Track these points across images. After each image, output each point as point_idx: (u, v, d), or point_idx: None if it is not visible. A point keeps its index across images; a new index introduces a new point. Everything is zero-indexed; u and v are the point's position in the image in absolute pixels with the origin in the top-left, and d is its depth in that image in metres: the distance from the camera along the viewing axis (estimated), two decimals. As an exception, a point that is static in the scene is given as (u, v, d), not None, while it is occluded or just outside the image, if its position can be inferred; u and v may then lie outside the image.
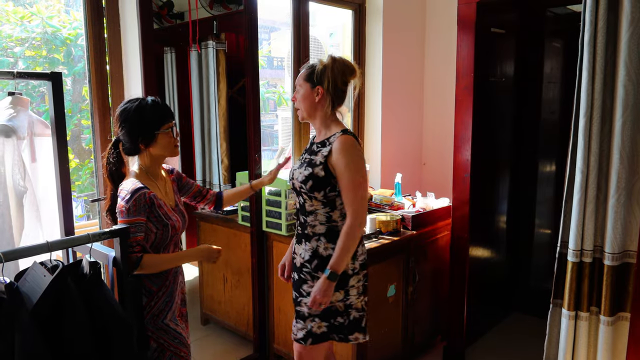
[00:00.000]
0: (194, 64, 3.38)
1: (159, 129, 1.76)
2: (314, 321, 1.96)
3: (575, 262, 2.34)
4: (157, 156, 1.81)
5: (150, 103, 1.76)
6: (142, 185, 1.72)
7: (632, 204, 2.23)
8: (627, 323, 2.28)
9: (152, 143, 1.77)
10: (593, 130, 2.25)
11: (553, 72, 3.38)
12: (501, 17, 3.09)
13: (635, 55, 2.16)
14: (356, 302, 1.98)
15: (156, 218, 1.75)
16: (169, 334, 1.81)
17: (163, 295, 1.81)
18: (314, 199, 1.92)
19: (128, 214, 1.68)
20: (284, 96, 5.62)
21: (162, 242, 1.79)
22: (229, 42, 3.32)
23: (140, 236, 1.70)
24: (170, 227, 1.78)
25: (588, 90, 2.24)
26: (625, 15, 2.15)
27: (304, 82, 1.94)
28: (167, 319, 1.81)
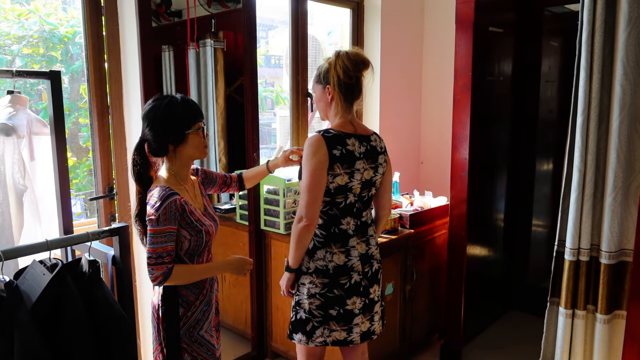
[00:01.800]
0: (192, 63, 3.37)
1: (190, 128, 1.65)
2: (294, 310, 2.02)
3: (572, 261, 2.35)
4: (186, 158, 1.69)
5: (181, 101, 1.65)
6: (173, 191, 1.61)
7: (629, 202, 2.24)
8: (623, 321, 2.29)
9: (182, 143, 1.65)
10: (590, 129, 2.26)
11: (551, 71, 3.39)
12: (499, 16, 3.10)
13: (632, 54, 2.17)
14: (304, 303, 1.92)
15: (188, 225, 1.64)
16: (203, 347, 1.72)
17: (200, 304, 1.71)
18: None
19: (158, 223, 1.57)
20: (281, 95, 5.61)
21: (197, 248, 1.69)
22: (227, 40, 3.32)
23: (170, 246, 1.59)
24: (205, 233, 1.68)
25: (585, 89, 2.25)
26: (623, 14, 2.16)
27: (315, 84, 1.94)
28: (203, 330, 1.72)
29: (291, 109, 3.18)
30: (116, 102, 2.32)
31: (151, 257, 1.57)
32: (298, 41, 3.09)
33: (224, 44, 3.29)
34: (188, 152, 1.68)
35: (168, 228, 1.57)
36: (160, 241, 1.57)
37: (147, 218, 1.59)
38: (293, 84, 3.16)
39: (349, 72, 1.84)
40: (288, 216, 2.67)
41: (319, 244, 1.91)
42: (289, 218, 2.68)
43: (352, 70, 1.84)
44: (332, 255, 1.90)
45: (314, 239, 1.91)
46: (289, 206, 2.67)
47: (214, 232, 1.74)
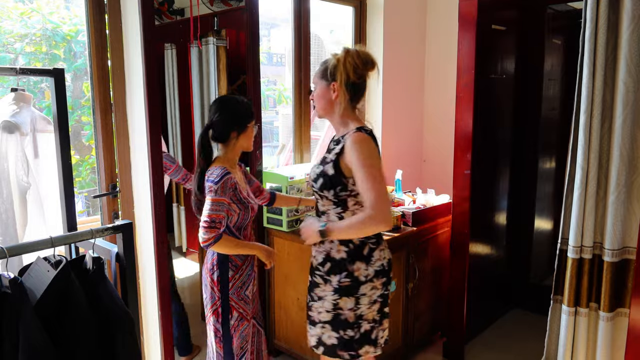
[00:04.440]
0: (195, 61, 3.37)
1: (250, 122, 2.03)
2: (324, 328, 1.87)
3: (575, 259, 2.35)
4: (239, 147, 2.04)
5: (244, 101, 2.04)
6: (229, 171, 1.93)
7: (632, 200, 2.24)
8: (626, 319, 2.30)
9: (243, 133, 2.01)
10: (593, 127, 2.26)
11: (553, 69, 3.39)
12: (502, 14, 3.10)
13: (635, 52, 2.17)
14: (367, 313, 1.86)
15: (239, 200, 1.96)
16: (248, 305, 2.04)
17: (246, 268, 2.03)
18: (324, 198, 1.84)
19: (216, 194, 1.88)
20: (284, 93, 5.61)
21: (244, 222, 2.01)
22: (229, 38, 3.32)
23: (222, 215, 1.88)
24: (250, 209, 2.01)
25: (589, 87, 2.25)
26: (626, 12, 2.16)
27: (319, 79, 1.88)
28: (248, 290, 2.04)
29: (294, 107, 3.18)
30: (119, 99, 2.33)
31: (207, 222, 1.85)
32: (301, 39, 3.09)
33: (227, 42, 3.29)
34: (243, 142, 2.04)
35: (222, 199, 1.89)
36: (216, 209, 1.87)
37: (208, 190, 1.90)
38: (296, 82, 3.16)
39: (358, 71, 1.80)
40: (290, 214, 2.67)
41: (373, 246, 1.86)
42: (292, 216, 2.68)
43: (361, 68, 1.80)
44: (384, 252, 1.90)
45: (369, 243, 1.85)
46: (292, 204, 2.67)
47: (256, 210, 2.07)
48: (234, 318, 2.00)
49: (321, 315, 1.87)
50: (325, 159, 1.85)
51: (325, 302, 1.86)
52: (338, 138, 1.86)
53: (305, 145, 3.22)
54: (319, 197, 1.88)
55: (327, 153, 1.88)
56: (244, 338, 2.04)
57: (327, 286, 1.85)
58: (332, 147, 1.87)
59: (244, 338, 2.04)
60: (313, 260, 1.93)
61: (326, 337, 1.87)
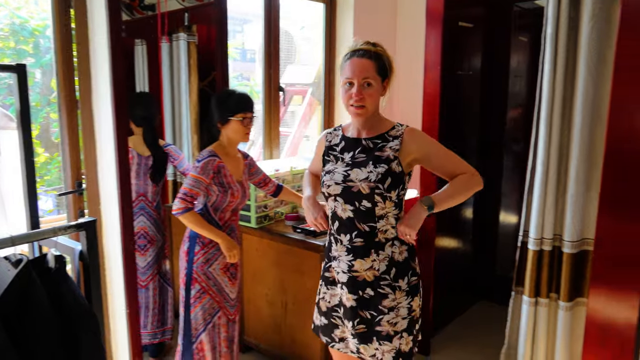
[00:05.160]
0: (165, 57, 3.35)
1: (234, 115, 2.16)
2: (402, 337, 1.75)
3: (536, 251, 2.42)
4: (229, 138, 2.21)
5: (236, 94, 2.20)
6: (215, 155, 2.15)
7: (590, 194, 2.31)
8: (584, 308, 2.37)
9: (226, 125, 2.18)
10: (554, 123, 2.33)
11: (519, 66, 3.46)
12: (469, 11, 3.15)
13: (594, 49, 2.23)
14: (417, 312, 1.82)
15: (220, 183, 2.15)
16: (211, 280, 2.20)
17: (212, 247, 2.19)
18: (387, 199, 1.70)
19: (196, 171, 2.10)
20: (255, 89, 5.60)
21: (221, 204, 2.18)
22: (200, 34, 3.30)
23: (197, 191, 2.10)
24: (230, 194, 2.17)
25: (550, 84, 2.31)
26: (586, 10, 2.22)
27: (377, 75, 1.72)
28: (212, 267, 2.20)
29: (263, 103, 3.19)
30: (85, 96, 2.30)
31: (182, 193, 2.08)
32: (270, 35, 3.10)
33: (197, 38, 3.28)
34: (230, 134, 2.20)
35: (202, 178, 2.10)
36: (193, 185, 2.09)
37: (192, 167, 2.13)
38: (265, 78, 3.16)
39: None
40: (259, 210, 2.68)
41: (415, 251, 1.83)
42: (260, 212, 2.69)
43: None
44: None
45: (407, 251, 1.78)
46: (260, 200, 2.69)
47: (239, 198, 2.22)
48: (195, 289, 2.19)
49: (397, 325, 1.74)
50: (379, 157, 1.71)
51: (399, 309, 1.74)
52: (381, 135, 1.75)
53: (275, 141, 3.23)
54: (379, 200, 1.70)
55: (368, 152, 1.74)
56: (205, 311, 2.21)
57: (398, 293, 1.74)
58: (377, 145, 1.74)
59: (205, 311, 2.21)
60: (365, 273, 1.75)
61: (404, 345, 1.76)
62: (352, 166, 1.73)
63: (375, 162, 1.70)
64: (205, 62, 3.28)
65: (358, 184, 1.69)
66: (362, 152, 1.75)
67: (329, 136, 1.89)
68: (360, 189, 1.69)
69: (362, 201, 1.70)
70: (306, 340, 2.56)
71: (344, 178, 1.73)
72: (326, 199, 1.81)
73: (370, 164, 1.70)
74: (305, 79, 3.74)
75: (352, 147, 1.78)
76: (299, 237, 2.51)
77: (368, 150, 1.74)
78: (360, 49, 1.73)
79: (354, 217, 1.73)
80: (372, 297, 1.75)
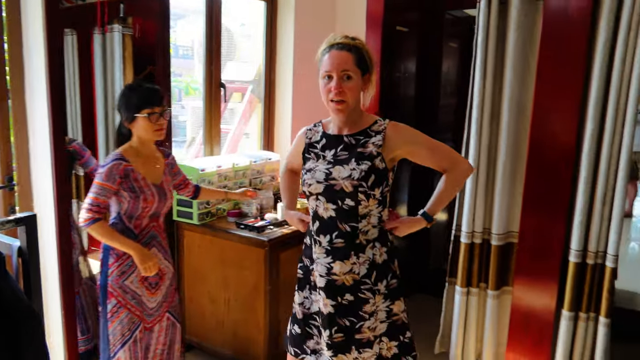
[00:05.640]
0: (98, 49, 3.22)
1: (139, 112, 1.96)
2: (382, 342, 1.72)
3: (468, 243, 2.59)
4: (139, 137, 2.02)
5: (141, 88, 2.00)
6: (121, 158, 1.96)
7: (515, 189, 2.51)
8: (510, 296, 2.56)
9: (132, 124, 1.99)
10: (484, 124, 2.50)
11: (450, 70, 3.66)
12: (405, 16, 3.29)
13: (519, 56, 2.42)
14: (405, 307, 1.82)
15: (130, 189, 1.96)
16: (128, 294, 2.02)
17: (127, 259, 2.00)
18: (371, 197, 1.65)
19: (100, 177, 1.92)
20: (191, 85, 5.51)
21: (134, 211, 1.99)
22: (136, 26, 3.21)
23: (103, 199, 1.92)
24: (142, 200, 1.98)
25: (480, 87, 2.48)
26: (512, 20, 2.40)
27: (357, 68, 1.66)
28: (128, 281, 2.02)
29: (204, 100, 3.16)
30: (17, 87, 2.19)
31: (88, 203, 1.91)
32: (212, 31, 3.07)
33: (133, 30, 3.19)
34: (138, 132, 2.01)
35: (106, 185, 1.92)
36: (97, 193, 1.91)
37: (97, 173, 1.95)
38: (207, 75, 3.13)
39: None
40: (202, 207, 2.66)
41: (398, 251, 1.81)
42: (202, 209, 2.67)
43: None
44: None
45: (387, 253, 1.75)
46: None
47: (154, 203, 2.02)
48: (112, 303, 2.01)
49: (377, 330, 1.70)
50: (362, 154, 1.66)
51: (378, 313, 1.70)
52: (363, 131, 1.71)
53: (216, 138, 3.21)
54: (363, 198, 1.65)
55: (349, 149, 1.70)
56: (124, 326, 2.02)
57: (377, 297, 1.70)
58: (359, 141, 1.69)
59: (124, 326, 2.02)
60: (343, 277, 1.69)
61: (385, 350, 1.72)
62: (334, 164, 1.68)
63: (358, 159, 1.65)
64: (141, 56, 3.20)
65: (341, 182, 1.64)
66: (344, 150, 1.69)
67: (309, 133, 1.82)
68: (343, 187, 1.64)
69: (345, 200, 1.65)
70: (250, 335, 2.57)
71: (325, 176, 1.67)
72: (307, 198, 1.74)
73: (353, 161, 1.65)
74: (245, 76, 3.74)
75: (334, 144, 1.72)
76: (243, 234, 2.52)
77: (350, 147, 1.69)
78: (339, 42, 1.67)
79: (336, 216, 1.67)
80: (352, 302, 1.68)
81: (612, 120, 2.20)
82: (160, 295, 2.12)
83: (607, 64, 2.19)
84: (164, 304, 2.14)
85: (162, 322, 2.15)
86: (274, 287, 2.48)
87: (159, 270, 2.06)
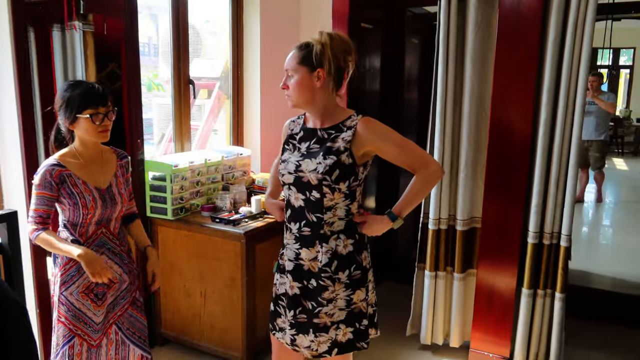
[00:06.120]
0: (58, 46, 3.17)
1: (81, 112, 1.80)
2: (339, 329, 1.78)
3: (435, 230, 2.72)
4: (81, 139, 1.87)
5: (81, 86, 1.83)
6: (56, 162, 1.82)
7: (477, 177, 2.67)
8: (474, 278, 2.72)
9: (73, 125, 1.83)
10: (447, 116, 2.64)
11: (412, 65, 3.80)
12: (369, 14, 3.39)
13: (478, 52, 2.57)
14: (371, 297, 1.88)
15: (68, 195, 1.83)
16: (65, 306, 1.86)
17: (70, 268, 1.86)
18: (336, 190, 1.71)
19: (36, 187, 1.80)
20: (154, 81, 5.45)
21: (77, 219, 1.85)
22: (97, 23, 3.18)
23: (43, 209, 1.80)
24: (81, 206, 1.83)
25: (443, 81, 2.61)
26: (471, 18, 2.55)
27: (299, 66, 1.71)
28: (68, 292, 1.86)
29: (173, 96, 3.17)
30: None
31: (30, 217, 1.81)
32: (179, 28, 3.09)
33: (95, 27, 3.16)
34: (80, 134, 1.86)
35: (42, 193, 1.80)
36: (36, 203, 1.80)
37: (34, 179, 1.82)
38: (175, 72, 3.15)
39: (345, 57, 1.72)
40: (176, 202, 2.69)
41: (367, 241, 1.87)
42: (177, 204, 2.70)
43: (346, 53, 1.72)
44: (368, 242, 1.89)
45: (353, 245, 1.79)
46: (177, 192, 2.70)
47: (97, 209, 1.87)
48: (54, 314, 1.89)
49: (334, 316, 1.77)
50: (331, 148, 1.71)
51: (337, 301, 1.76)
52: (335, 125, 1.75)
53: (186, 135, 3.24)
54: (327, 192, 1.71)
55: (319, 143, 1.75)
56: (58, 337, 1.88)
57: (337, 285, 1.76)
58: (330, 135, 1.74)
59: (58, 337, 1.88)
60: (308, 263, 1.78)
61: (341, 335, 1.79)
62: (305, 156, 1.74)
63: (325, 153, 1.70)
64: (102, 54, 3.17)
65: (307, 174, 1.71)
66: (316, 143, 1.75)
67: (292, 124, 1.90)
68: (310, 180, 1.71)
69: (312, 191, 1.72)
70: (227, 325, 2.63)
71: (295, 168, 1.75)
72: (282, 186, 1.84)
73: (321, 155, 1.71)
74: (211, 73, 3.76)
75: (309, 137, 1.79)
76: (219, 227, 2.56)
77: (322, 141, 1.74)
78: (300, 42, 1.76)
79: (304, 206, 1.75)
80: (315, 288, 1.77)
81: (563, 110, 2.38)
82: (105, 306, 1.93)
83: (557, 58, 2.37)
84: (109, 316, 1.96)
85: (110, 335, 1.98)
86: (250, 278, 2.54)
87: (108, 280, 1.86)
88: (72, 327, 1.87)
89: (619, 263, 4.51)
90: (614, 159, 9.49)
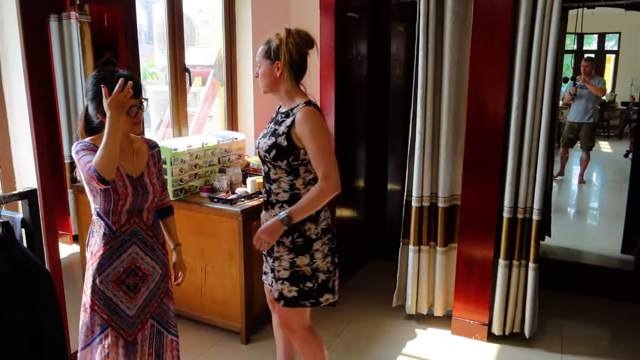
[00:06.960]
0: (55, 36, 3.29)
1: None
2: (284, 284, 2.02)
3: (417, 207, 2.92)
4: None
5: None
6: (90, 143, 1.78)
7: (457, 157, 2.85)
8: (455, 251, 2.93)
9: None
10: (428, 100, 2.82)
11: (398, 52, 3.95)
12: (356, 3, 3.53)
13: (456, 40, 2.74)
14: (322, 265, 2.03)
15: None
16: (97, 294, 1.83)
17: (99, 257, 1.82)
18: (277, 167, 1.97)
19: (78, 152, 1.74)
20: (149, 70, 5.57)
21: (108, 205, 1.81)
22: (93, 14, 3.29)
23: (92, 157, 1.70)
24: (112, 191, 1.78)
25: (424, 67, 2.79)
26: (449, 8, 2.72)
27: (263, 59, 1.98)
28: (97, 281, 1.82)
29: (170, 84, 3.32)
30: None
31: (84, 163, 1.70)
32: (174, 17, 3.23)
33: (91, 17, 3.27)
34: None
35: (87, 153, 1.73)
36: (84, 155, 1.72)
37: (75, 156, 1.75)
38: (171, 60, 3.29)
39: (299, 50, 1.96)
40: (176, 184, 2.86)
41: (320, 208, 2.01)
42: (177, 185, 2.87)
43: (302, 47, 1.97)
44: (327, 212, 2.08)
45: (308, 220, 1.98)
46: (176, 174, 2.86)
47: (128, 197, 1.82)
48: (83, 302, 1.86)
49: (279, 273, 2.02)
50: (276, 130, 1.97)
51: (282, 261, 2.01)
52: (287, 111, 1.99)
53: (183, 121, 3.39)
54: (271, 167, 1.98)
55: (276, 125, 2.00)
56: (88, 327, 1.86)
57: (281, 248, 2.00)
58: (282, 119, 1.98)
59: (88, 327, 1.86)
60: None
61: (286, 291, 2.02)
62: (264, 135, 2.02)
63: (270, 134, 1.98)
64: (98, 43, 3.28)
65: (260, 150, 2.02)
66: (274, 124, 2.02)
67: (278, 108, 2.13)
68: (261, 155, 2.02)
69: (264, 165, 2.04)
70: (226, 297, 2.82)
71: (257, 144, 2.05)
72: None
73: (269, 135, 1.99)
74: (206, 61, 3.91)
75: (274, 118, 2.07)
76: (217, 206, 2.74)
77: (277, 123, 2.00)
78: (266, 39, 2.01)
79: (264, 176, 2.08)
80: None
81: (533, 94, 2.57)
82: (140, 299, 1.92)
83: (527, 45, 2.56)
84: (147, 310, 1.94)
85: (145, 330, 1.95)
86: (247, 253, 2.73)
87: (139, 271, 1.89)
88: (106, 317, 1.85)
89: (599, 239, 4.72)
90: (600, 142, 9.70)
